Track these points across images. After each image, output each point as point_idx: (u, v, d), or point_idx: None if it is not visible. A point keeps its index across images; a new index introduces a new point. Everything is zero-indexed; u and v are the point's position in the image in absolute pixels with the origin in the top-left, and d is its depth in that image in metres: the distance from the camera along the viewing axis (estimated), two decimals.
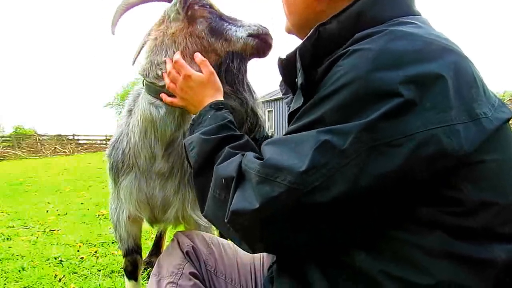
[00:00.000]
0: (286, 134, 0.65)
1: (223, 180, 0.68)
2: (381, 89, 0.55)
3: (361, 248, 0.59)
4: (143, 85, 1.14)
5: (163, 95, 1.04)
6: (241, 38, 1.08)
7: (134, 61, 1.14)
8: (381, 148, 0.53)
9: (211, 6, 1.12)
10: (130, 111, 1.23)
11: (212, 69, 1.00)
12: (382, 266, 0.57)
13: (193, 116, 0.93)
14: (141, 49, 1.14)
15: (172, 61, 1.02)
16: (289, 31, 0.86)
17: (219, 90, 0.99)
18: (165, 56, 1.05)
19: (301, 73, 0.66)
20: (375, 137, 0.53)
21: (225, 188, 0.68)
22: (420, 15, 0.71)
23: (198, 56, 1.02)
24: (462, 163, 0.54)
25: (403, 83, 0.54)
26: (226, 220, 0.64)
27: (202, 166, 0.78)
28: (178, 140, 1.15)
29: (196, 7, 1.09)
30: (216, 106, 0.90)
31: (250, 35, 1.08)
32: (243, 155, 0.70)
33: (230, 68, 1.07)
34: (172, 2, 1.09)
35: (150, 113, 1.09)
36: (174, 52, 1.05)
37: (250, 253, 0.68)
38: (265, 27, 1.11)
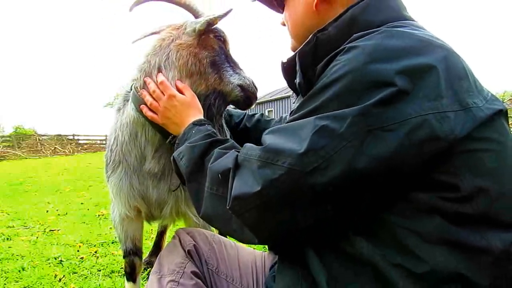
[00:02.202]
0: (287, 123, 0.67)
1: (220, 175, 0.71)
2: (376, 79, 0.58)
3: (361, 235, 0.60)
4: (130, 89, 1.15)
5: (143, 107, 1.07)
6: (232, 83, 1.14)
7: (135, 41, 1.16)
8: (376, 133, 0.56)
9: (224, 41, 1.18)
10: (119, 110, 1.23)
11: (194, 93, 1.05)
12: (382, 253, 0.58)
13: (178, 136, 0.96)
14: (147, 35, 1.15)
15: (156, 81, 1.05)
16: (294, 49, 0.90)
17: (201, 112, 1.04)
18: (165, 61, 1.07)
19: (299, 73, 0.71)
20: (370, 121, 0.56)
21: (222, 182, 0.70)
22: (414, 20, 0.74)
23: (178, 83, 1.06)
24: (454, 148, 0.56)
25: (397, 74, 0.57)
26: (228, 207, 0.66)
27: (194, 171, 0.81)
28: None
29: (211, 36, 1.15)
30: (199, 123, 0.96)
31: (240, 85, 1.15)
32: (236, 151, 0.74)
33: (211, 107, 1.12)
34: (197, 20, 1.12)
35: (139, 117, 1.11)
36: (173, 60, 1.07)
37: (254, 242, 0.68)
38: (255, 87, 1.18)
